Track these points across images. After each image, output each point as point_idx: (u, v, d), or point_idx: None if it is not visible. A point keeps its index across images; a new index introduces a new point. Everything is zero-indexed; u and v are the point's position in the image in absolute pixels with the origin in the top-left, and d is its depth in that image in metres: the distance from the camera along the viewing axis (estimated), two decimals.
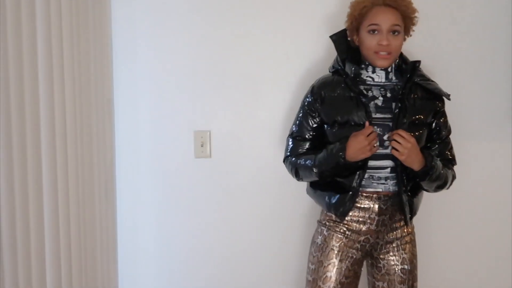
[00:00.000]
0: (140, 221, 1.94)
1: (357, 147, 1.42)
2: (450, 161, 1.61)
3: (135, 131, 1.90)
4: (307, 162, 1.53)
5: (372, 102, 1.51)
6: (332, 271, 1.52)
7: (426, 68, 1.63)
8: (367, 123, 1.46)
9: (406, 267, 1.54)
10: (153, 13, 1.85)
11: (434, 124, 1.57)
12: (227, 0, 1.86)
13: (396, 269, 1.54)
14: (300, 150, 1.58)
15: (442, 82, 1.63)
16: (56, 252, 1.37)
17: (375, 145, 1.45)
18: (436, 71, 1.82)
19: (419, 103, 1.53)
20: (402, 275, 1.53)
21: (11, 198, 1.19)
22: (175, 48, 1.87)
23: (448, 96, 1.55)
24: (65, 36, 1.41)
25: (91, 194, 1.65)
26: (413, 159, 1.43)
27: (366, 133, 1.43)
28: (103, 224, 1.76)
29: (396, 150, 1.43)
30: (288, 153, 1.61)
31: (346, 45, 1.58)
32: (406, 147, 1.41)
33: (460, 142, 1.91)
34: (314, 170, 1.51)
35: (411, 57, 1.61)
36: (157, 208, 1.94)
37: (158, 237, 1.95)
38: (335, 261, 1.53)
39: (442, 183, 1.52)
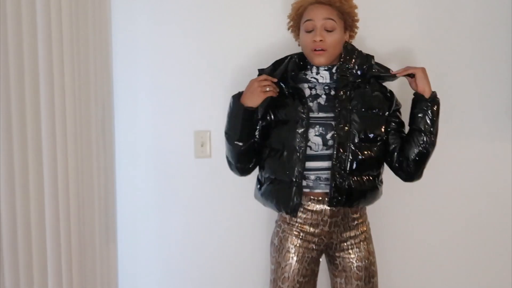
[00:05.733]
0: (140, 221, 1.94)
1: (249, 90, 1.50)
2: None
3: (135, 131, 1.90)
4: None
5: (315, 101, 1.53)
6: (290, 271, 1.55)
7: (427, 68, 1.63)
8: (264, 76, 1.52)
9: (361, 264, 1.56)
10: (153, 13, 1.85)
11: (393, 121, 1.55)
12: (227, 1, 1.86)
13: (352, 266, 1.57)
14: None
15: (442, 82, 1.63)
16: (56, 252, 1.37)
17: (267, 90, 1.49)
18: (436, 71, 1.82)
19: (371, 97, 1.53)
20: (358, 272, 1.56)
21: (11, 199, 1.19)
22: (175, 48, 1.87)
23: (391, 77, 1.54)
24: (65, 36, 1.41)
25: (91, 194, 1.65)
26: (427, 82, 1.50)
27: (259, 79, 1.51)
28: (102, 224, 1.76)
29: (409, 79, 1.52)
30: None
31: None
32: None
33: (460, 142, 1.91)
34: (225, 131, 1.56)
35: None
36: (157, 208, 1.94)
37: (158, 237, 1.95)
38: (292, 262, 1.56)
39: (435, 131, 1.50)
